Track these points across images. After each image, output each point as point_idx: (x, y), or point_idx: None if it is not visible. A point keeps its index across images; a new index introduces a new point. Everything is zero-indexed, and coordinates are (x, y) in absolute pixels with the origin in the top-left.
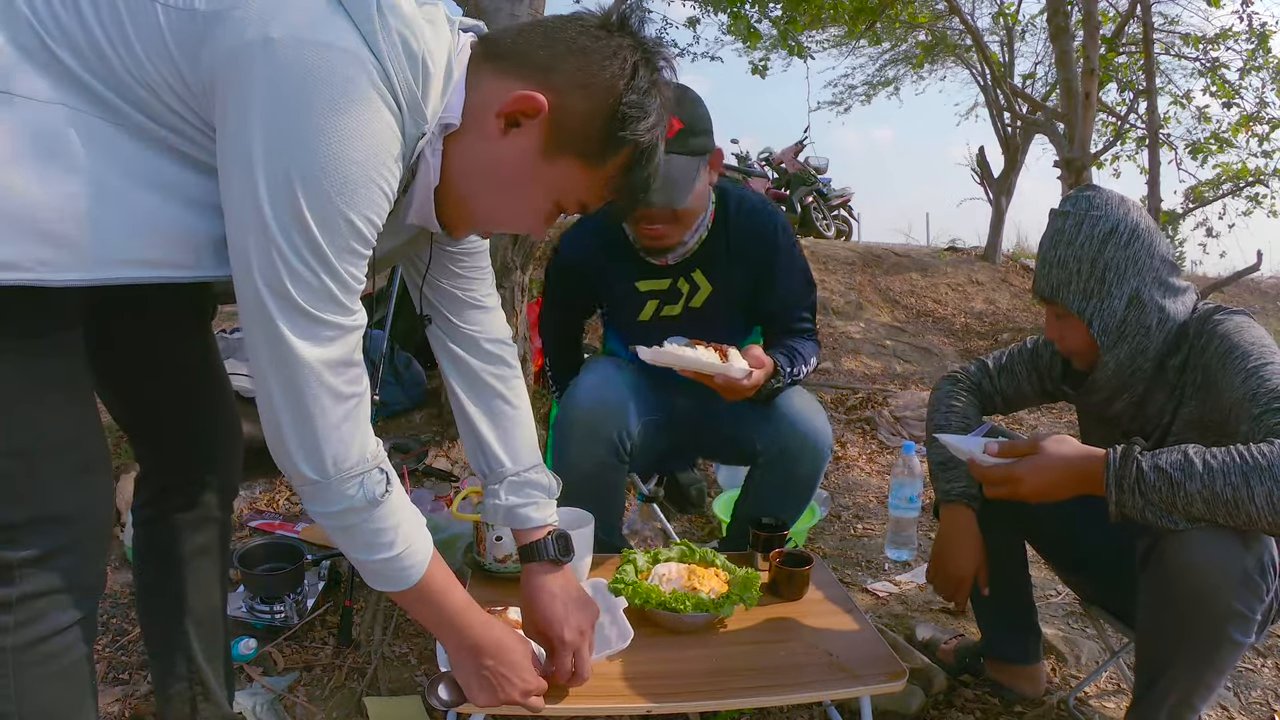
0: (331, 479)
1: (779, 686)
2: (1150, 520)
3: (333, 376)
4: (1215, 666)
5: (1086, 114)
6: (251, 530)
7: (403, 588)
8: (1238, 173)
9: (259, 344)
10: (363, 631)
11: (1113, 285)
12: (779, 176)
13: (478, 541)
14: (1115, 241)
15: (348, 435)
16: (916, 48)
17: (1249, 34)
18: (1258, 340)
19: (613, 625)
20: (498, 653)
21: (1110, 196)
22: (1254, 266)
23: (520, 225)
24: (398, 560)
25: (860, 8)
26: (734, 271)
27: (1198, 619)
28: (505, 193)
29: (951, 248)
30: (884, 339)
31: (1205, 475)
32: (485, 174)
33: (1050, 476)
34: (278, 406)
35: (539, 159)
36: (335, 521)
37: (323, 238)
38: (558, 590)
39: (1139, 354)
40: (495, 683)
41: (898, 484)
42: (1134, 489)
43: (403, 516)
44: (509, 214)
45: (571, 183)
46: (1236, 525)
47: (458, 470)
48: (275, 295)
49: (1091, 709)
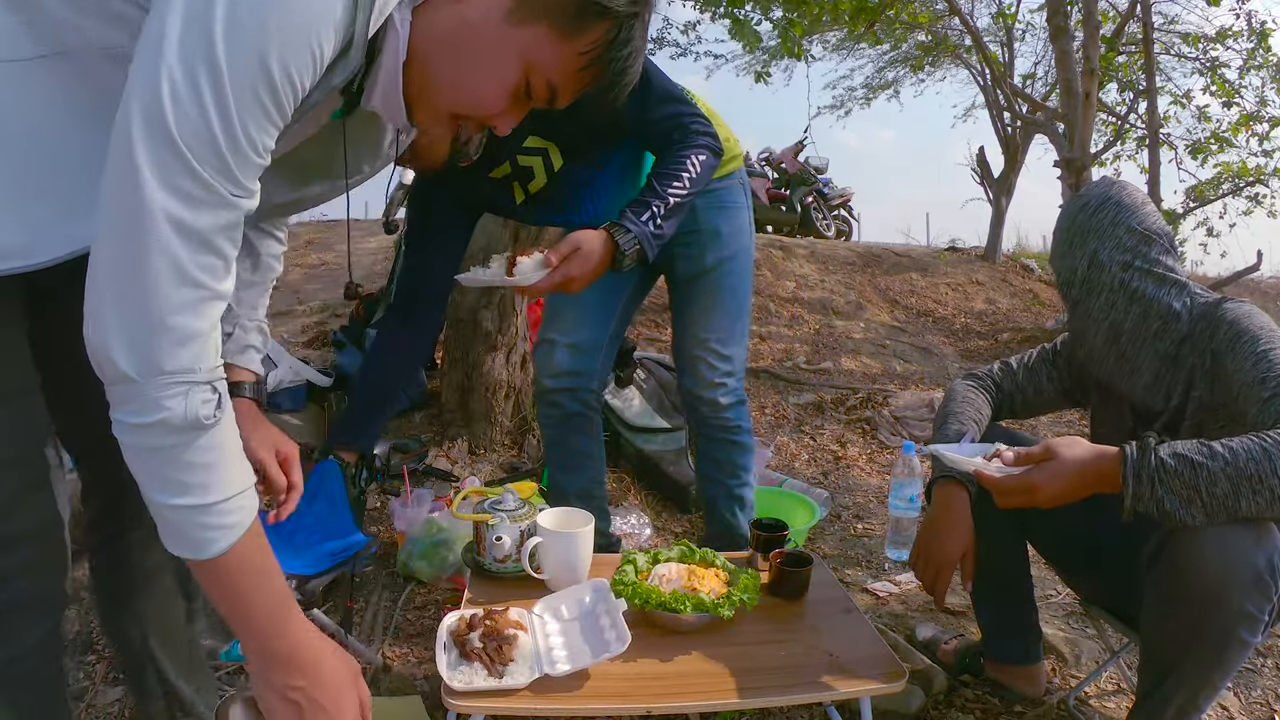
0: (147, 379)
1: (779, 686)
2: (1167, 511)
3: (185, 248)
4: (1223, 667)
5: (1086, 114)
6: None
7: (204, 555)
8: (1238, 171)
9: (108, 189)
10: (363, 631)
11: (1076, 246)
12: (779, 177)
13: (477, 541)
14: (1085, 211)
15: (183, 331)
16: (916, 49)
17: (1249, 33)
18: (1266, 325)
19: (612, 628)
20: (315, 674)
21: (1107, 179)
22: (1254, 266)
23: (488, 99)
24: (205, 514)
25: (860, 8)
26: (555, 117)
27: (1208, 619)
28: (471, 63)
29: (951, 248)
30: (884, 339)
31: (1227, 454)
32: (450, 42)
33: (1067, 481)
34: (107, 274)
35: (505, 23)
36: (140, 439)
37: (229, 75)
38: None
39: (1110, 309)
40: (306, 713)
41: (898, 484)
42: (1153, 479)
43: (227, 458)
44: (474, 87)
45: (542, 54)
46: (1256, 508)
47: (458, 470)
48: (147, 121)
49: (1091, 709)
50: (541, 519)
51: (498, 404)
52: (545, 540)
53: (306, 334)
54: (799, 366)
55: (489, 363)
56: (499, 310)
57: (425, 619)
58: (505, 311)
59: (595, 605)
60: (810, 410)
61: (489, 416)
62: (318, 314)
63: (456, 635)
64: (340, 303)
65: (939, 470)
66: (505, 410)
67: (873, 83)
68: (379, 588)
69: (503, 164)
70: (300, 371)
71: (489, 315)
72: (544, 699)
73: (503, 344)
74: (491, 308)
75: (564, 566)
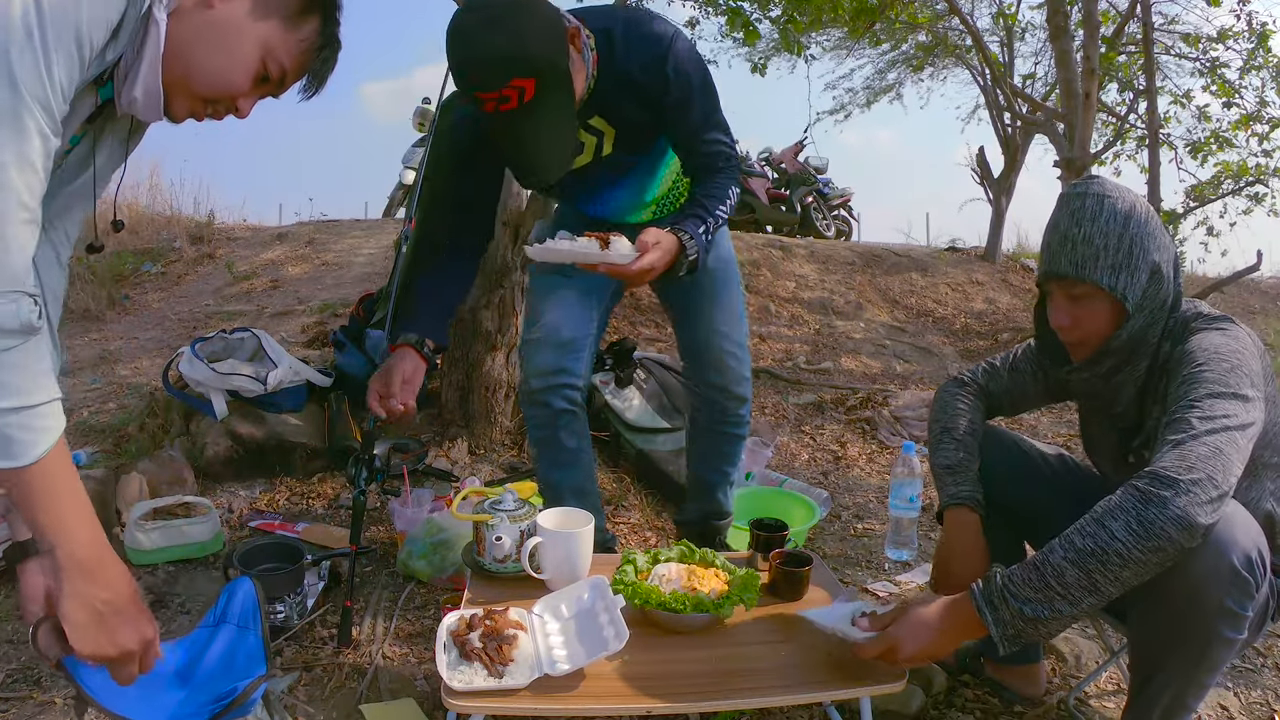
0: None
1: (779, 686)
2: (1033, 618)
3: (21, 174)
4: (1208, 665)
5: (1086, 114)
6: (251, 530)
7: (27, 459)
8: (1238, 170)
9: None
10: (363, 631)
11: (1139, 258)
12: (779, 176)
13: (477, 541)
14: (1137, 219)
15: (14, 244)
16: (917, 49)
17: (1249, 33)
18: (1214, 346)
19: (610, 625)
20: (117, 587)
21: (1117, 182)
22: (1254, 266)
23: (237, 81)
24: (31, 416)
25: (860, 8)
26: (627, 108)
27: (1189, 618)
28: (223, 51)
29: (951, 248)
30: (884, 339)
31: (1061, 543)
32: (205, 36)
33: (927, 635)
34: None
35: (248, 18)
36: None
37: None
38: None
39: (1150, 326)
40: (110, 625)
41: (898, 484)
42: (1004, 598)
43: (46, 365)
44: (225, 71)
45: (274, 42)
46: (1116, 577)
47: (458, 470)
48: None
49: (1091, 709)
50: (541, 519)
51: (498, 404)
52: (545, 540)
53: (306, 334)
54: (799, 366)
55: (489, 363)
56: (499, 310)
57: (425, 619)
58: (505, 311)
59: (594, 602)
60: (810, 410)
61: (489, 416)
62: (317, 314)
63: (456, 635)
64: (340, 302)
65: (947, 494)
66: (505, 410)
67: (874, 84)
68: (379, 588)
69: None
70: (300, 371)
71: (489, 315)
72: (544, 699)
73: (503, 344)
74: (491, 308)
75: (564, 566)
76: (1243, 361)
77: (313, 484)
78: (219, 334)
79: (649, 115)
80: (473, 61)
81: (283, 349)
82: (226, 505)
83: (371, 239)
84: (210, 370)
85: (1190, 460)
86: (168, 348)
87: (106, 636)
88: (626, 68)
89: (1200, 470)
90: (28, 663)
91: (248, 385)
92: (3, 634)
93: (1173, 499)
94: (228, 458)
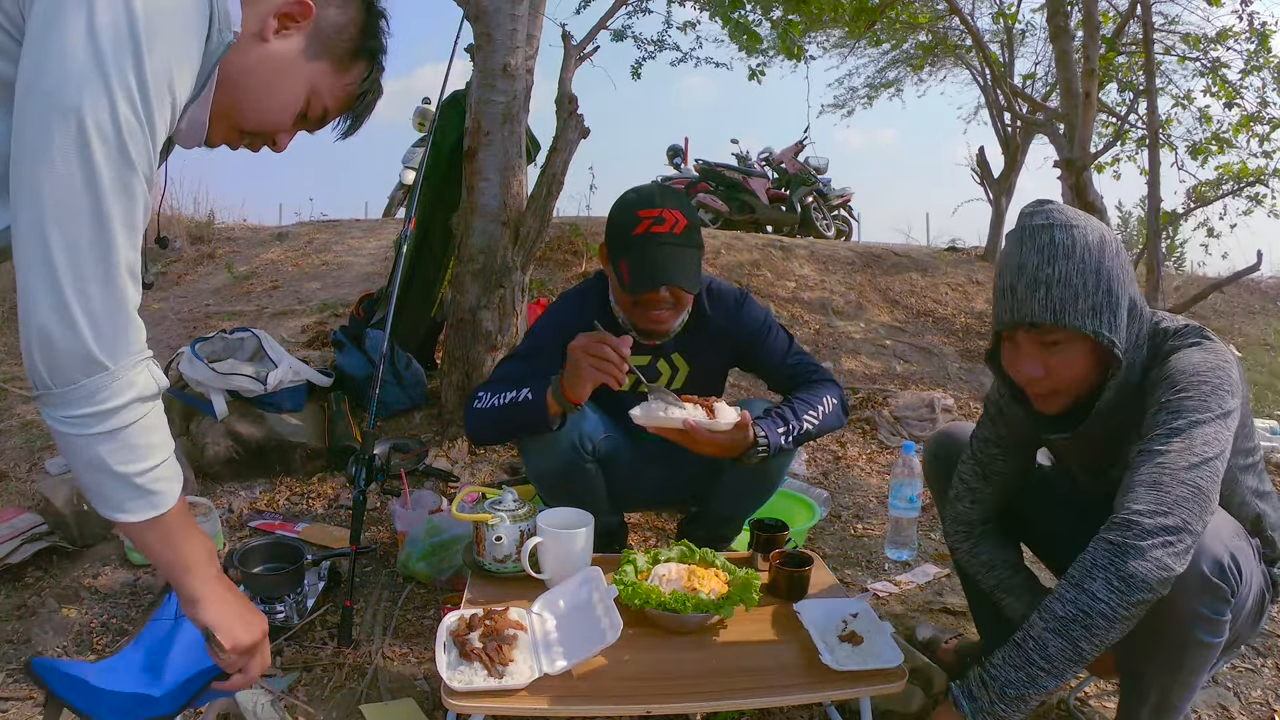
0: (122, 365)
1: (779, 687)
2: (1024, 696)
3: (127, 239)
4: (1187, 668)
5: (1086, 114)
6: (251, 530)
7: (163, 508)
8: (1238, 171)
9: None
10: (363, 631)
11: (1119, 295)
12: (779, 176)
13: (477, 541)
14: (1109, 250)
15: (134, 313)
16: (917, 49)
17: (1249, 34)
18: (1193, 368)
19: (605, 616)
20: (234, 588)
21: (1073, 209)
22: (1254, 266)
23: (281, 118)
24: (166, 468)
25: (860, 8)
26: (709, 354)
27: (1162, 625)
28: (272, 90)
29: (951, 248)
30: (884, 339)
31: (1042, 614)
32: (258, 72)
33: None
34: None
35: (300, 58)
36: (105, 424)
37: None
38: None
39: (1130, 369)
40: (247, 617)
41: (898, 484)
42: (983, 685)
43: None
44: (273, 110)
45: (322, 84)
46: (1102, 640)
47: (458, 470)
48: (101, 138)
49: (1091, 709)
50: (541, 519)
51: None
52: (545, 540)
53: (306, 334)
54: None
55: (489, 363)
56: (499, 310)
57: (425, 619)
58: (505, 312)
59: (590, 594)
60: None
61: None
62: (317, 314)
63: (456, 635)
64: (340, 302)
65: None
66: None
67: (875, 82)
68: (379, 588)
69: (644, 357)
70: (300, 371)
71: (489, 315)
72: (544, 699)
73: (503, 344)
74: (491, 308)
75: (564, 566)
76: (1224, 378)
77: (313, 484)
78: (219, 334)
79: (724, 359)
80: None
81: (283, 349)
82: (226, 505)
83: (371, 239)
84: (210, 370)
85: (1168, 503)
86: (168, 348)
87: (245, 628)
88: (710, 313)
89: (1176, 515)
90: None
91: (248, 385)
92: (3, 634)
93: (1149, 550)
94: (228, 458)
